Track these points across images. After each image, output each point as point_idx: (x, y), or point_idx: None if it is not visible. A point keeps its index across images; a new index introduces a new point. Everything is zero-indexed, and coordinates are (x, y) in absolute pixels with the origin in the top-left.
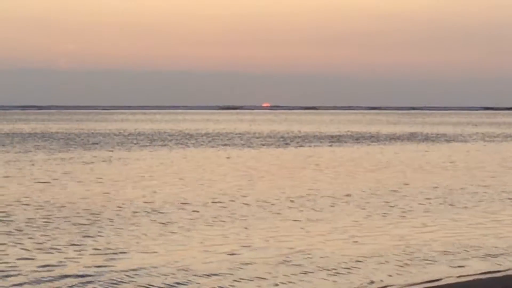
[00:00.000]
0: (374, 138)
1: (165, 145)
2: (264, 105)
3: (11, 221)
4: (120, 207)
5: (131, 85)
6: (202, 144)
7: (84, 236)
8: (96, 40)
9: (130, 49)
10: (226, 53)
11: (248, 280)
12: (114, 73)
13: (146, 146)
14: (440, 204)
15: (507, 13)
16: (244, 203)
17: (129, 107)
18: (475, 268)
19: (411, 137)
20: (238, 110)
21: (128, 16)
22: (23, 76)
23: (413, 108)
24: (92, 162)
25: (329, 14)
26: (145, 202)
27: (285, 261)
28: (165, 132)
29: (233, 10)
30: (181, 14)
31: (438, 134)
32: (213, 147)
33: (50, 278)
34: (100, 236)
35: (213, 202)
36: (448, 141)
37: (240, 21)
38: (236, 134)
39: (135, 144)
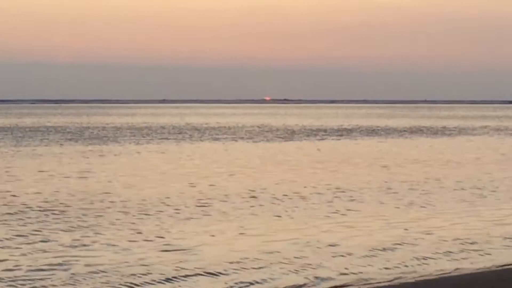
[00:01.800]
0: (390, 132)
1: (180, 139)
2: (266, 98)
3: (66, 215)
4: (167, 201)
5: (130, 79)
6: (215, 138)
7: (141, 233)
8: (95, 34)
9: (129, 43)
10: (226, 47)
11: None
12: (113, 67)
13: (162, 139)
14: (471, 196)
15: (509, 7)
16: (284, 195)
17: (128, 101)
18: (472, 261)
19: (429, 131)
20: (239, 104)
21: (127, 10)
22: (20, 70)
23: (414, 102)
24: (116, 155)
25: (330, 7)
26: (190, 195)
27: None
28: (174, 126)
29: (233, 5)
30: (180, 8)
31: (456, 128)
32: (228, 140)
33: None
34: (155, 230)
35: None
36: (465, 134)
37: (240, 15)
38: (248, 127)
39: (150, 137)
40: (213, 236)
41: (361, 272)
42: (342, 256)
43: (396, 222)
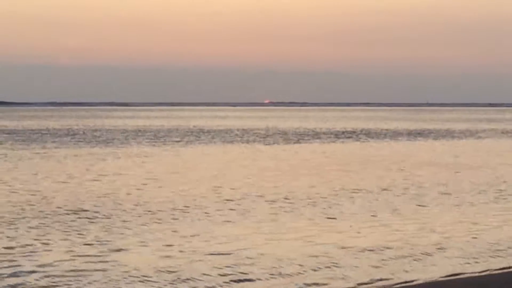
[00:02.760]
0: (398, 135)
1: (192, 141)
2: (266, 101)
3: (100, 218)
4: (198, 204)
5: (132, 81)
6: (226, 141)
7: (192, 235)
8: (98, 36)
9: (131, 45)
10: (226, 50)
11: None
12: (116, 69)
13: (175, 142)
14: (494, 199)
15: (509, 8)
16: (310, 198)
17: (130, 104)
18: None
19: (436, 133)
20: (240, 107)
21: (129, 12)
22: (25, 72)
23: (415, 105)
24: (133, 158)
25: (331, 10)
26: (220, 198)
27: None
28: (182, 129)
29: (234, 7)
30: (182, 11)
31: (464, 130)
32: (235, 143)
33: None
34: (189, 234)
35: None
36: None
37: (240, 18)
38: (255, 130)
39: (163, 140)
40: (247, 239)
41: (392, 273)
42: (374, 257)
43: (423, 224)
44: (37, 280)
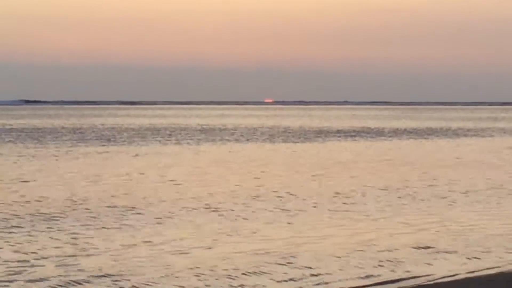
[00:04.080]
0: (405, 133)
1: (203, 139)
2: (267, 100)
3: (146, 213)
4: (235, 201)
5: (133, 80)
6: (238, 139)
7: (228, 233)
8: (99, 36)
9: (132, 45)
10: (227, 49)
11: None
12: (116, 68)
13: (189, 140)
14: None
15: None
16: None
17: (131, 103)
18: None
19: (443, 132)
20: (241, 106)
21: (130, 12)
22: (26, 71)
23: (415, 103)
24: (153, 155)
25: (331, 10)
26: (245, 195)
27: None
28: (187, 128)
29: (234, 7)
30: (183, 10)
31: (471, 129)
32: (241, 142)
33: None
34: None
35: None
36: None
37: (240, 18)
38: (265, 128)
39: (177, 138)
40: (293, 238)
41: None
42: (414, 252)
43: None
44: (86, 278)
